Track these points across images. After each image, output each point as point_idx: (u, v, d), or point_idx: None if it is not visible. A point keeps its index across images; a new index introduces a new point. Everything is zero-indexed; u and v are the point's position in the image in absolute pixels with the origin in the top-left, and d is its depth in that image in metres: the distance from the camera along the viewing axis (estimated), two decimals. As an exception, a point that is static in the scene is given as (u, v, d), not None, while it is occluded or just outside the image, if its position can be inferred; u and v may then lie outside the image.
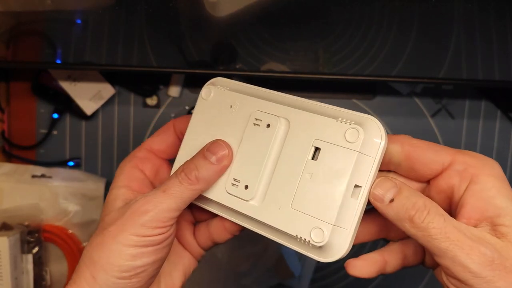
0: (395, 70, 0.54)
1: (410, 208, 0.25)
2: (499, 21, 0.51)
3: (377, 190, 0.26)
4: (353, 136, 0.26)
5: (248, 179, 0.29)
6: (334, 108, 0.28)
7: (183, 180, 0.29)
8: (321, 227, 0.26)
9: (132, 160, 0.33)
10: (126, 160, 0.34)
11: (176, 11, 0.52)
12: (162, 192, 0.29)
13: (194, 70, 0.55)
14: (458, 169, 0.27)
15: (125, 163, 0.33)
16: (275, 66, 0.56)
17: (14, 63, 0.59)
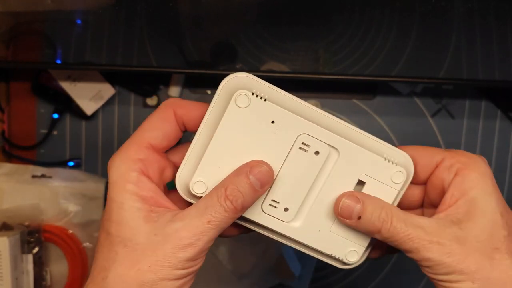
0: (395, 70, 0.54)
1: (376, 223, 0.28)
2: (499, 20, 0.51)
3: (343, 205, 0.29)
4: (399, 178, 0.30)
5: (289, 202, 0.30)
6: (378, 141, 0.30)
7: (229, 209, 0.27)
8: (356, 249, 0.31)
9: (135, 164, 0.28)
10: (122, 160, 0.28)
11: (176, 11, 0.52)
12: (207, 223, 0.26)
13: (194, 70, 0.55)
14: (447, 165, 0.29)
15: (125, 167, 0.28)
16: (275, 66, 0.56)
17: (14, 63, 0.59)
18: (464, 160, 0.29)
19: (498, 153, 0.64)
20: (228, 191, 0.27)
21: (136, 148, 0.28)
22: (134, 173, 0.28)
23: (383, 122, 0.64)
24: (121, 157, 0.28)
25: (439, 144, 0.64)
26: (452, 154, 0.30)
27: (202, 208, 0.27)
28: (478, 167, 0.28)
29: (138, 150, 0.28)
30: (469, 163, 0.29)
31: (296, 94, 0.66)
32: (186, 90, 0.64)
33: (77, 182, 0.63)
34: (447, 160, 0.29)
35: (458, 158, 0.29)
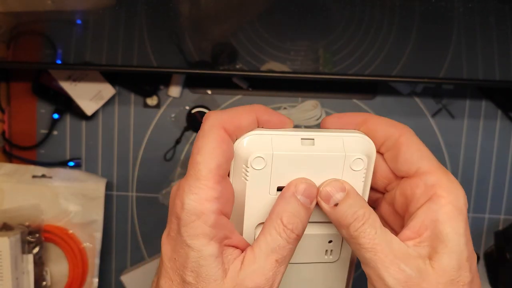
0: (396, 70, 0.54)
1: (349, 217, 0.26)
2: (499, 20, 0.51)
3: (327, 188, 0.27)
4: (359, 165, 0.28)
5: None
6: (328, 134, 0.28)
7: (292, 239, 0.26)
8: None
9: (211, 205, 0.25)
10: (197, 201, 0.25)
11: (176, 11, 0.52)
12: (276, 262, 0.25)
13: (194, 70, 0.56)
14: (427, 182, 0.27)
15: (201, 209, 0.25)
16: (276, 66, 0.56)
17: (15, 63, 0.59)
18: (445, 185, 0.27)
19: (498, 153, 0.64)
20: (285, 220, 0.26)
21: (207, 187, 0.25)
22: (212, 215, 0.25)
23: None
24: (192, 198, 0.25)
25: (440, 144, 0.64)
26: (438, 174, 0.27)
27: (265, 248, 0.26)
28: (457, 199, 0.26)
29: (210, 188, 0.25)
30: (449, 191, 0.26)
31: (296, 94, 0.66)
32: (186, 90, 0.64)
33: (77, 182, 0.63)
34: (430, 178, 0.27)
35: (441, 181, 0.27)
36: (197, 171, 0.25)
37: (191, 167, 0.26)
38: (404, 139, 0.29)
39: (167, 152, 0.65)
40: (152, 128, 0.65)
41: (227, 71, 0.55)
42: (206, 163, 0.25)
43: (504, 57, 0.53)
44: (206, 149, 0.26)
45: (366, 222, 0.26)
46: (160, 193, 0.65)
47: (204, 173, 0.25)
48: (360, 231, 0.26)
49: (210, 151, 0.26)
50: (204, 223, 0.25)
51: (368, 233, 0.26)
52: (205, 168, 0.25)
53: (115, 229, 0.66)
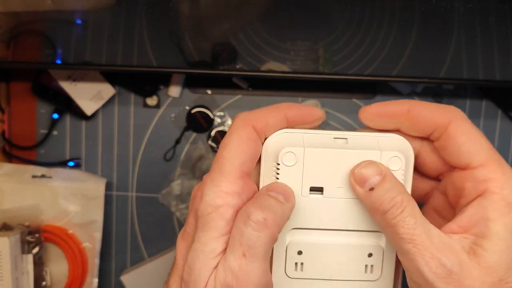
0: (396, 70, 0.54)
1: (386, 202, 0.24)
2: (499, 20, 0.51)
3: (362, 171, 0.25)
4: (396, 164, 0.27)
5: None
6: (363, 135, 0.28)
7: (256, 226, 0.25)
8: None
9: (232, 200, 0.25)
10: (217, 193, 0.25)
11: (176, 11, 0.52)
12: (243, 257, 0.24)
13: (194, 70, 0.56)
14: (479, 176, 0.25)
15: (220, 201, 0.25)
16: (275, 66, 0.56)
17: (15, 63, 0.59)
18: (499, 180, 0.25)
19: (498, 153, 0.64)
20: (251, 209, 0.24)
21: (229, 181, 0.25)
22: (230, 210, 0.25)
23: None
24: (213, 190, 0.25)
25: (440, 144, 0.64)
26: (491, 166, 0.25)
27: (232, 242, 0.24)
28: (508, 197, 0.24)
29: (232, 182, 0.25)
30: (503, 186, 0.24)
31: (296, 94, 0.66)
32: (186, 90, 0.64)
33: (77, 182, 0.63)
34: (480, 171, 0.25)
35: (493, 175, 0.25)
36: (220, 165, 0.25)
37: (215, 161, 0.26)
38: (453, 128, 0.26)
39: (167, 152, 0.65)
40: (152, 128, 0.65)
41: (227, 71, 0.55)
42: (231, 158, 0.25)
43: (504, 57, 0.53)
44: (232, 145, 0.25)
45: (405, 209, 0.24)
46: (160, 193, 0.65)
47: (227, 167, 0.25)
48: (399, 220, 0.24)
49: (235, 147, 0.25)
50: (219, 216, 0.24)
51: (407, 222, 0.24)
52: (229, 163, 0.25)
53: (115, 229, 0.66)
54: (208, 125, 0.64)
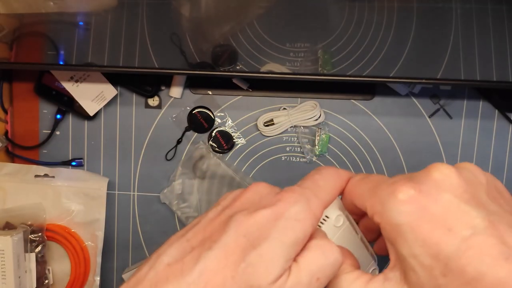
0: (394, 71, 0.54)
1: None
2: (497, 21, 0.52)
3: None
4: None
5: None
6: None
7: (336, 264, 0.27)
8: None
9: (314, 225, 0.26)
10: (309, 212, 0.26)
11: (177, 13, 0.53)
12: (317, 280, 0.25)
13: (195, 71, 0.56)
14: (370, 217, 0.27)
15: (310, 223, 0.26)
16: (275, 67, 0.56)
17: (17, 64, 0.59)
18: (379, 209, 0.25)
19: (495, 153, 0.64)
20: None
21: (319, 207, 0.27)
22: (310, 229, 0.26)
23: (382, 123, 0.64)
24: (307, 206, 0.26)
25: (437, 144, 0.64)
26: (370, 204, 0.26)
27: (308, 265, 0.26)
28: (390, 217, 0.25)
29: (320, 209, 0.27)
30: (382, 213, 0.25)
31: (296, 95, 0.67)
32: (188, 91, 0.65)
33: (79, 181, 0.63)
34: (368, 212, 0.27)
35: (375, 209, 0.26)
36: (317, 191, 0.27)
37: (311, 184, 0.28)
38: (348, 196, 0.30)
39: (168, 152, 0.65)
40: (153, 128, 0.65)
41: (227, 72, 0.56)
42: (327, 192, 0.28)
43: (501, 58, 0.53)
44: (329, 182, 0.28)
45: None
46: (162, 192, 0.65)
47: (322, 195, 0.27)
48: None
49: (331, 186, 0.28)
50: (302, 229, 0.25)
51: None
52: (325, 195, 0.28)
53: (117, 228, 0.66)
54: (209, 125, 0.65)
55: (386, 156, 0.65)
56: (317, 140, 0.64)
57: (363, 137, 0.65)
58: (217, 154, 0.65)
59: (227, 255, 0.23)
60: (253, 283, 0.23)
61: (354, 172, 0.32)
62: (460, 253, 0.22)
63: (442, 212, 0.23)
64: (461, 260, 0.22)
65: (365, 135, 0.65)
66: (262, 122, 0.64)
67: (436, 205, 0.24)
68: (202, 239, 0.25)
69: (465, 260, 0.22)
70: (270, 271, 0.23)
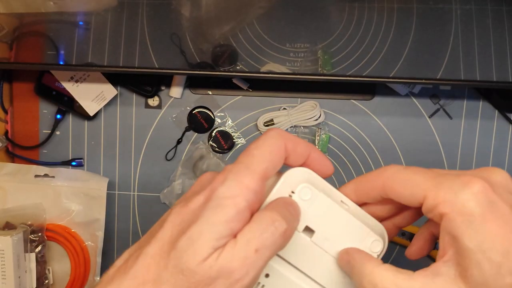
0: (394, 71, 0.54)
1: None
2: (497, 22, 0.52)
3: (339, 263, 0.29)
4: (377, 247, 0.30)
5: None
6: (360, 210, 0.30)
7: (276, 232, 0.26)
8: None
9: (248, 194, 0.25)
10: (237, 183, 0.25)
11: (178, 13, 0.53)
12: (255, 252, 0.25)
13: (195, 71, 0.56)
14: (429, 207, 0.26)
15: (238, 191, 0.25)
16: (275, 67, 0.56)
17: (17, 64, 0.59)
18: (447, 199, 0.25)
19: (495, 153, 0.65)
20: (275, 215, 0.26)
21: (253, 178, 0.26)
22: (243, 203, 0.25)
23: (382, 123, 0.64)
24: (237, 180, 0.26)
25: (437, 144, 0.64)
26: (434, 193, 0.26)
27: (248, 235, 0.25)
28: (462, 206, 0.24)
29: (254, 180, 0.26)
30: (452, 202, 0.25)
31: (296, 95, 0.67)
32: (188, 91, 0.65)
33: (79, 181, 0.63)
34: (429, 202, 0.26)
35: (441, 199, 0.25)
36: (249, 161, 0.26)
37: (244, 156, 0.27)
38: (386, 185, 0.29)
39: (168, 152, 0.65)
40: (153, 128, 0.65)
41: (227, 72, 0.56)
42: (260, 160, 0.26)
43: (501, 58, 0.53)
44: (264, 148, 0.27)
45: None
46: (162, 192, 0.65)
47: (255, 165, 0.26)
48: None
49: (267, 152, 0.27)
50: (234, 204, 0.25)
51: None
52: (258, 163, 0.26)
53: (117, 228, 0.66)
54: (209, 125, 0.65)
55: (386, 156, 0.65)
56: (317, 140, 0.64)
57: (363, 137, 0.65)
58: (217, 154, 0.65)
59: (162, 247, 0.24)
60: (183, 266, 0.23)
61: (353, 172, 0.32)
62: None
63: (509, 211, 0.24)
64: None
65: (365, 135, 0.65)
66: (262, 122, 0.64)
67: (504, 204, 0.24)
68: (147, 238, 0.26)
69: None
70: (198, 252, 0.24)
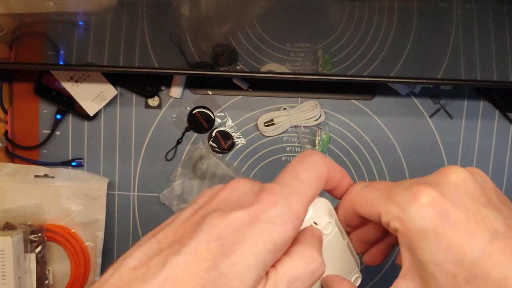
0: (394, 71, 0.54)
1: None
2: (497, 21, 0.52)
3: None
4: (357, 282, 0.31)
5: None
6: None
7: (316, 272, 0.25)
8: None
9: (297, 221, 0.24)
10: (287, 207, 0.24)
11: (177, 13, 0.53)
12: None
13: (195, 71, 0.56)
14: (384, 224, 0.26)
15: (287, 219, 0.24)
16: (275, 67, 0.56)
17: (17, 64, 0.59)
18: (398, 215, 0.24)
19: (496, 153, 0.65)
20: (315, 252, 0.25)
21: (302, 205, 0.25)
22: (292, 231, 0.24)
23: (382, 123, 0.64)
24: (287, 205, 0.24)
25: (438, 144, 0.64)
26: (385, 210, 0.25)
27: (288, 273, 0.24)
28: (412, 222, 0.24)
29: (304, 207, 0.25)
30: (402, 218, 0.24)
31: (296, 95, 0.67)
32: (187, 91, 0.65)
33: (79, 182, 0.63)
34: (383, 219, 0.25)
35: (392, 215, 0.25)
36: (298, 186, 0.25)
37: (291, 178, 0.25)
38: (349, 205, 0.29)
39: (168, 152, 0.65)
40: (153, 128, 0.65)
41: (227, 72, 0.56)
42: (308, 185, 0.25)
43: (502, 58, 0.53)
44: (311, 173, 0.25)
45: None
46: (161, 193, 0.65)
47: (305, 191, 0.25)
48: None
49: (314, 177, 0.25)
50: (282, 232, 0.23)
51: None
52: (307, 189, 0.25)
53: (117, 228, 0.66)
54: (209, 125, 0.65)
55: (386, 156, 0.65)
56: (318, 140, 0.64)
57: (364, 137, 0.65)
58: (217, 154, 0.65)
59: (197, 261, 0.21)
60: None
61: (354, 172, 0.32)
62: (483, 258, 0.22)
63: (464, 217, 0.23)
64: (485, 265, 0.21)
65: (366, 135, 0.65)
66: (262, 122, 0.64)
67: (457, 209, 0.23)
68: (172, 241, 0.23)
69: (489, 265, 0.21)
70: (244, 281, 0.21)
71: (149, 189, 0.66)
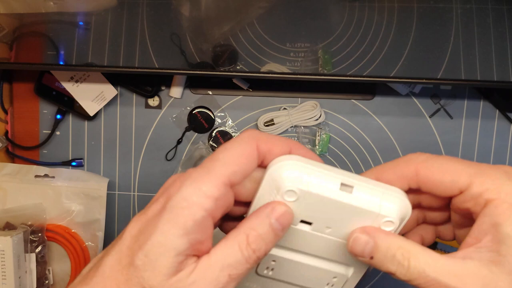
0: (394, 71, 0.54)
1: (390, 264, 0.25)
2: (497, 21, 0.52)
3: (354, 249, 0.26)
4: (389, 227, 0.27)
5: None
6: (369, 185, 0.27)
7: (251, 260, 0.24)
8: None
9: (207, 202, 0.23)
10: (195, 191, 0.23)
11: (178, 13, 0.53)
12: (228, 277, 0.23)
13: (196, 71, 0.56)
14: (473, 194, 0.25)
15: (196, 200, 0.23)
16: (275, 67, 0.56)
17: (17, 64, 0.59)
18: (494, 187, 0.25)
19: (496, 153, 0.64)
20: (251, 239, 0.24)
21: (213, 184, 0.24)
22: (201, 212, 0.23)
23: (382, 122, 0.64)
24: (194, 187, 0.23)
25: (438, 144, 0.64)
26: (480, 179, 0.25)
27: (222, 259, 0.23)
28: (508, 194, 0.24)
29: (215, 186, 0.24)
30: (499, 190, 0.25)
31: (296, 95, 0.67)
32: (188, 91, 0.65)
33: (79, 181, 0.63)
34: (474, 188, 0.25)
35: (488, 186, 0.25)
36: (212, 165, 0.24)
37: (208, 160, 0.25)
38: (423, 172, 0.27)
39: (169, 152, 0.65)
40: (153, 128, 0.65)
41: (227, 72, 0.56)
42: (225, 163, 0.24)
43: (502, 58, 0.53)
44: (231, 152, 0.25)
45: (410, 261, 0.24)
46: (162, 192, 0.65)
47: (217, 170, 0.24)
48: (409, 275, 0.24)
49: (234, 155, 0.24)
50: (190, 214, 0.23)
51: (418, 273, 0.24)
52: (221, 167, 0.24)
53: (117, 228, 0.66)
54: (209, 125, 0.65)
55: (386, 156, 0.65)
56: (318, 140, 0.64)
57: (364, 137, 0.65)
58: (217, 154, 0.65)
59: (120, 260, 0.23)
60: (145, 284, 0.22)
61: (355, 172, 0.32)
62: None
63: None
64: None
65: (366, 135, 0.65)
66: (262, 122, 0.64)
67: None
68: (110, 247, 0.25)
69: None
70: (159, 270, 0.22)
71: (149, 189, 0.66)
